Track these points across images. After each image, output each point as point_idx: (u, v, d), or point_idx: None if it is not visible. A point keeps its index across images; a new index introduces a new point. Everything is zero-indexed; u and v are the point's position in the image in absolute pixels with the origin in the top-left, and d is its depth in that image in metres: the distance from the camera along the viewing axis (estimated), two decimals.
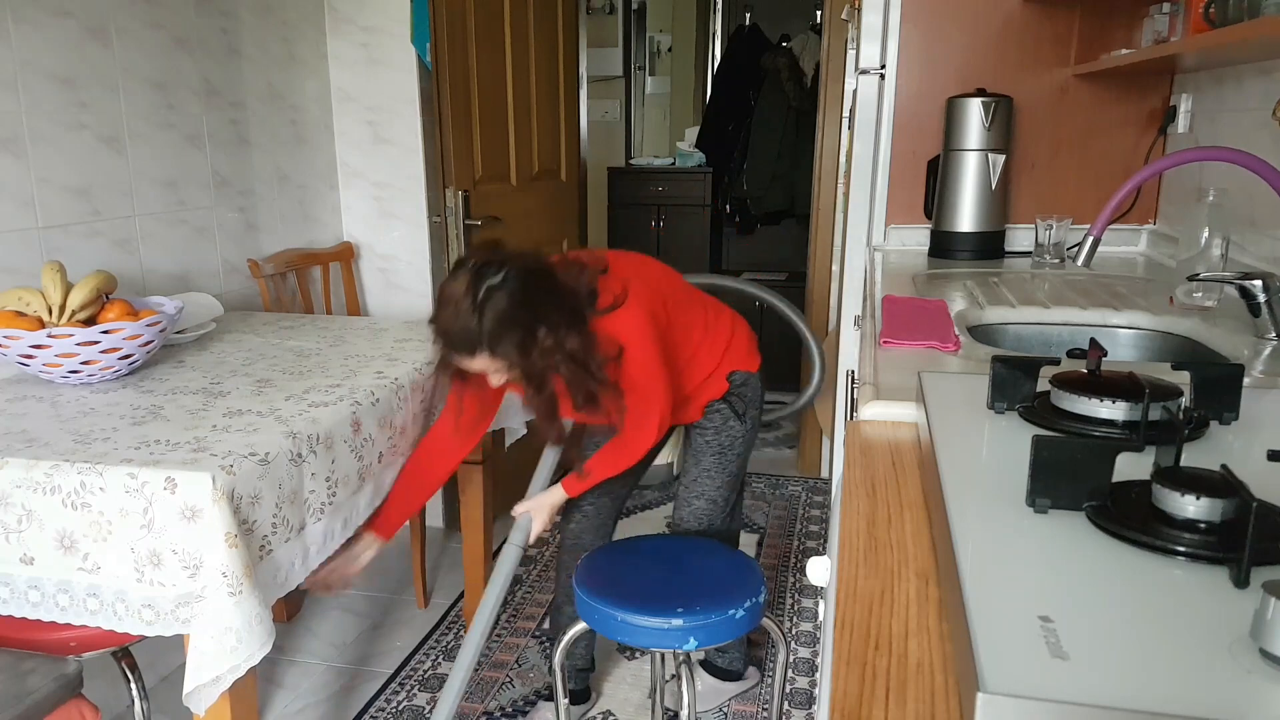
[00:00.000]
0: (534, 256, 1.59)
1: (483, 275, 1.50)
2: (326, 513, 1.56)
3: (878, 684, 0.62)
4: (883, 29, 2.41)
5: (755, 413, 1.98)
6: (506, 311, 1.49)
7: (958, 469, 0.84)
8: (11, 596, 1.39)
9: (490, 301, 1.49)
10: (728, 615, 1.59)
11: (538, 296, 1.53)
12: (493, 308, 1.49)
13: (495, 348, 1.52)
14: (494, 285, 1.49)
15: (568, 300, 1.58)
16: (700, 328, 1.86)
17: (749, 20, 4.93)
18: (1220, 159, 1.52)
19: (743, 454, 2.00)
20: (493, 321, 1.49)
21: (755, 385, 1.97)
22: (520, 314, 1.50)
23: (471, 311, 1.49)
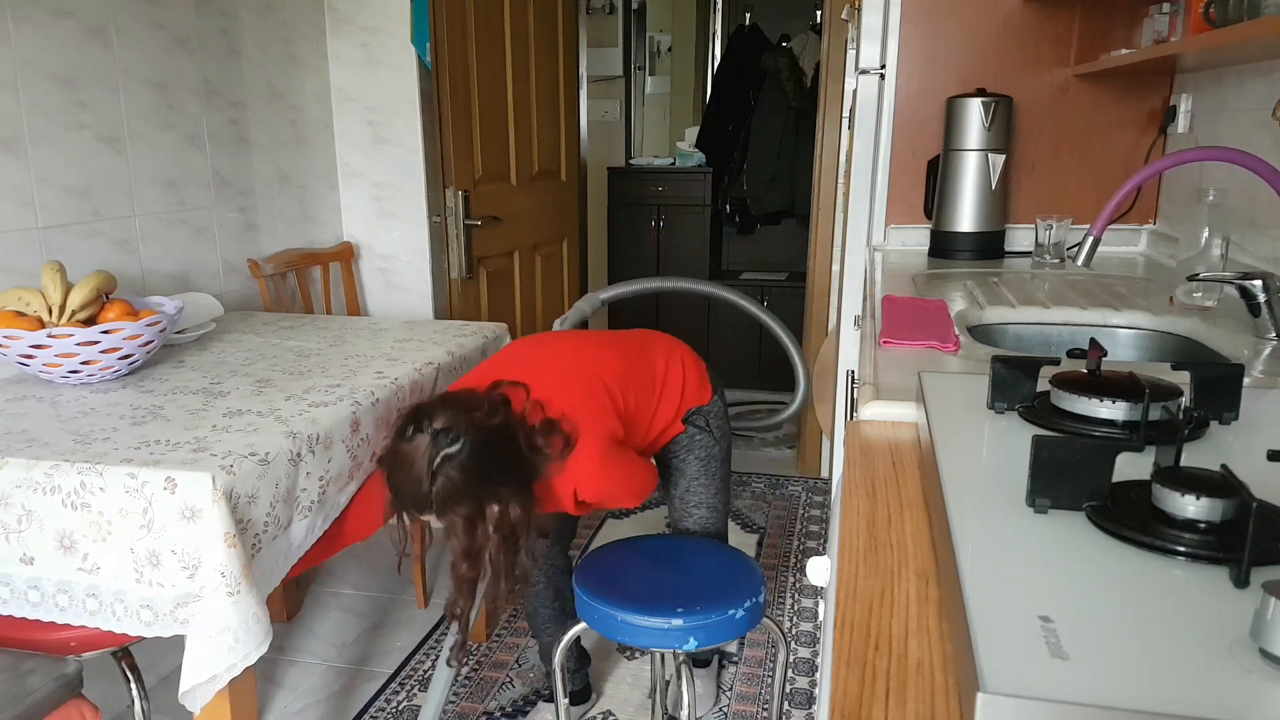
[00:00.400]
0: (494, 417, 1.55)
1: (439, 443, 1.48)
2: (312, 510, 1.56)
3: (878, 684, 0.62)
4: (883, 29, 2.41)
5: (721, 422, 1.99)
6: (459, 481, 1.49)
7: (958, 469, 0.83)
8: (11, 596, 1.39)
9: (443, 471, 1.48)
10: (728, 615, 1.59)
11: (491, 469, 1.52)
12: (445, 477, 1.48)
13: (443, 514, 1.52)
14: (449, 455, 1.48)
15: (520, 466, 1.57)
16: (655, 396, 1.84)
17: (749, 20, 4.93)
18: (1220, 159, 1.52)
19: (723, 459, 2.01)
20: (444, 490, 1.48)
21: (713, 407, 1.96)
22: (471, 490, 1.50)
23: (425, 477, 1.48)
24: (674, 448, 1.97)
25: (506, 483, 1.54)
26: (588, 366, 1.75)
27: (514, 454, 1.57)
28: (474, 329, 2.23)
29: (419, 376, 1.89)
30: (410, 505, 1.53)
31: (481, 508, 1.52)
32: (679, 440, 1.96)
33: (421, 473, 1.48)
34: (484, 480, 1.51)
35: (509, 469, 1.55)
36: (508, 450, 1.56)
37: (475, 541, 1.54)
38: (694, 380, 1.94)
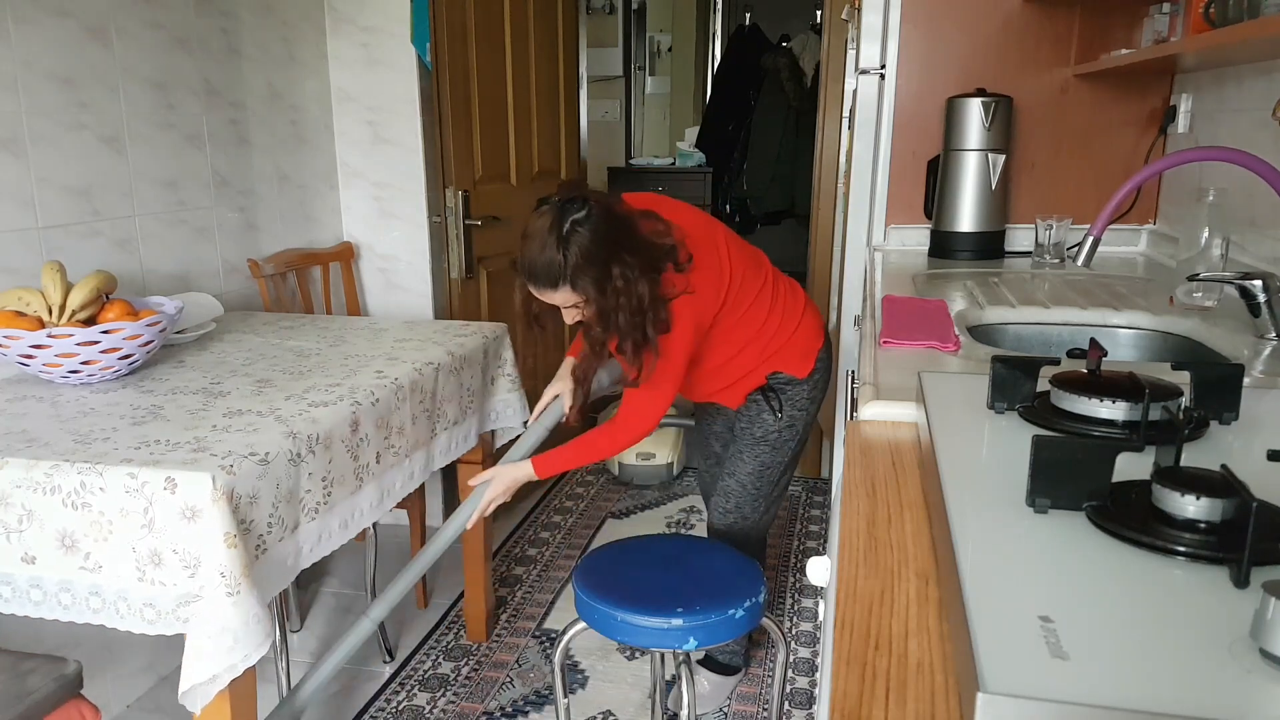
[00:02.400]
0: (616, 200, 1.68)
1: (567, 211, 1.57)
2: (321, 512, 1.56)
3: (878, 684, 0.62)
4: (883, 29, 2.41)
5: (796, 414, 1.96)
6: (589, 245, 1.57)
7: (958, 469, 0.84)
8: (14, 595, 1.39)
9: (574, 236, 1.56)
10: (727, 615, 1.59)
11: (618, 237, 1.60)
12: (577, 242, 1.56)
13: (576, 280, 1.59)
14: (578, 220, 1.57)
15: (644, 248, 1.65)
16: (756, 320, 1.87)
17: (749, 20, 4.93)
18: (1220, 159, 1.52)
19: (776, 447, 1.99)
20: (576, 255, 1.57)
21: (802, 389, 1.95)
22: (600, 251, 1.58)
23: (556, 245, 1.56)
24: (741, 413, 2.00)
25: (632, 253, 1.62)
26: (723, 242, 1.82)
27: (637, 235, 1.65)
28: (474, 329, 2.23)
29: (419, 376, 1.89)
30: (544, 279, 1.60)
31: (609, 270, 1.59)
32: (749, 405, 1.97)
33: (553, 239, 1.57)
34: (612, 246, 1.59)
35: (634, 245, 1.63)
36: (631, 228, 1.65)
37: (606, 301, 1.61)
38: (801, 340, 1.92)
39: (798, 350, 1.92)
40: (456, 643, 2.51)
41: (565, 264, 1.57)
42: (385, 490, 1.79)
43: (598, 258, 1.57)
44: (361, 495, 1.69)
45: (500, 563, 2.95)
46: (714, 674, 2.23)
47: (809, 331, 1.94)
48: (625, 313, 1.62)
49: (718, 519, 2.07)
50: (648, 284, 1.63)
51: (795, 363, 1.92)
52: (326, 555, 1.62)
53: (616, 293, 1.60)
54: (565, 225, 1.56)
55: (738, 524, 2.05)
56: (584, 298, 1.61)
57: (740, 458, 2.02)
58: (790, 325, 1.91)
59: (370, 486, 1.72)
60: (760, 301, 1.87)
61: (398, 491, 1.84)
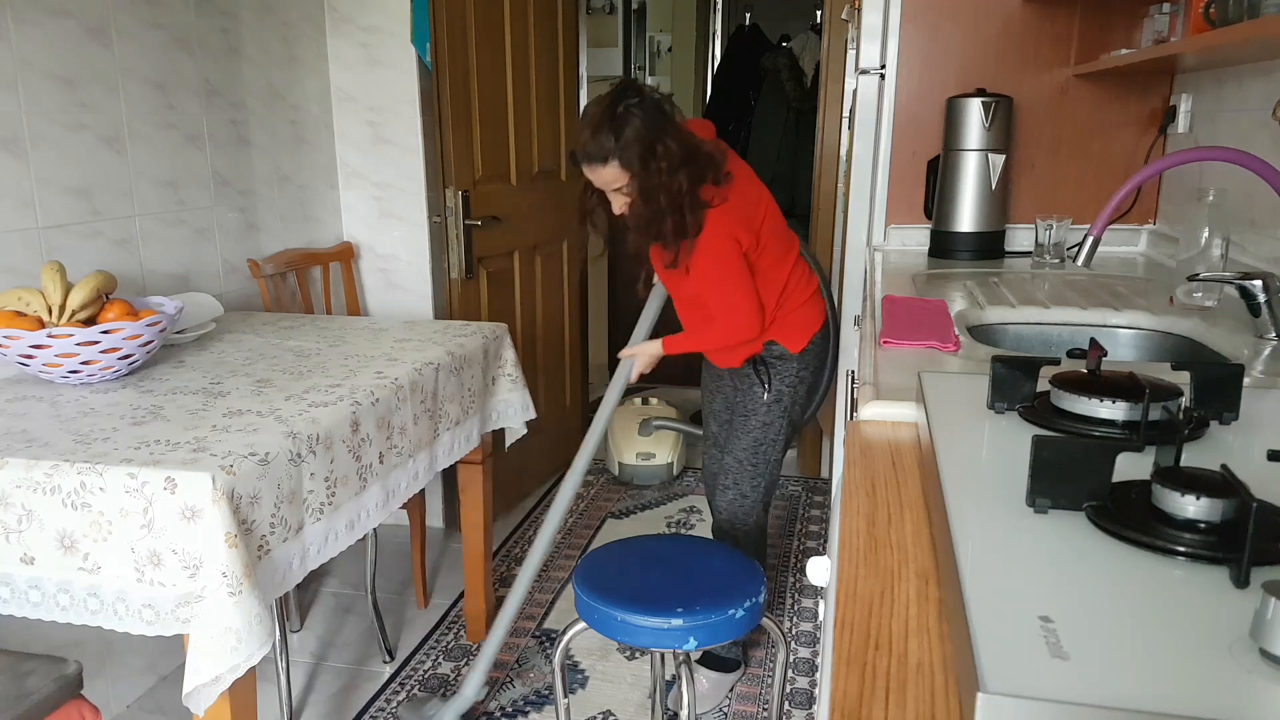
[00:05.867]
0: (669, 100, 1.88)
1: (623, 96, 1.79)
2: (326, 513, 1.56)
3: (878, 684, 0.62)
4: (883, 29, 2.41)
5: (784, 389, 2.07)
6: (640, 125, 1.78)
7: (958, 469, 0.84)
8: (12, 596, 1.39)
9: (627, 116, 1.78)
10: (727, 615, 1.59)
11: (664, 125, 1.81)
12: (629, 121, 1.78)
13: (624, 155, 1.79)
14: (632, 104, 1.79)
15: (687, 144, 1.84)
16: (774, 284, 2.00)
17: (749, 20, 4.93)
18: (1220, 159, 1.52)
19: (767, 424, 2.09)
20: (628, 132, 1.77)
21: (790, 364, 2.06)
22: (647, 132, 1.78)
23: (610, 123, 1.77)
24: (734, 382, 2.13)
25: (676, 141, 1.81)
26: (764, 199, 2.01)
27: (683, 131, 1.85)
28: (474, 329, 2.23)
29: (419, 376, 1.89)
30: (595, 154, 1.80)
31: (654, 149, 1.79)
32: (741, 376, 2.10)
33: (607, 117, 1.78)
34: (658, 130, 1.80)
35: (679, 137, 1.83)
36: (677, 124, 1.85)
37: (650, 178, 1.81)
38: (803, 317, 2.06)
39: (798, 324, 2.05)
40: (456, 643, 2.51)
41: (617, 139, 1.77)
42: (390, 491, 1.79)
43: (645, 138, 1.77)
44: (367, 496, 1.69)
45: (500, 563, 2.95)
46: (713, 671, 2.23)
47: (812, 312, 2.08)
48: (666, 194, 1.80)
49: (719, 496, 2.16)
50: (686, 176, 1.81)
51: (792, 335, 2.04)
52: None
53: (660, 171, 1.79)
54: (620, 105, 1.77)
55: (737, 501, 2.14)
56: (630, 174, 1.80)
57: (736, 435, 2.12)
58: (798, 299, 2.04)
59: (375, 487, 1.72)
60: (784, 262, 2.02)
61: (403, 492, 1.84)
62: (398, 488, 1.82)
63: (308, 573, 1.53)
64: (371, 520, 1.70)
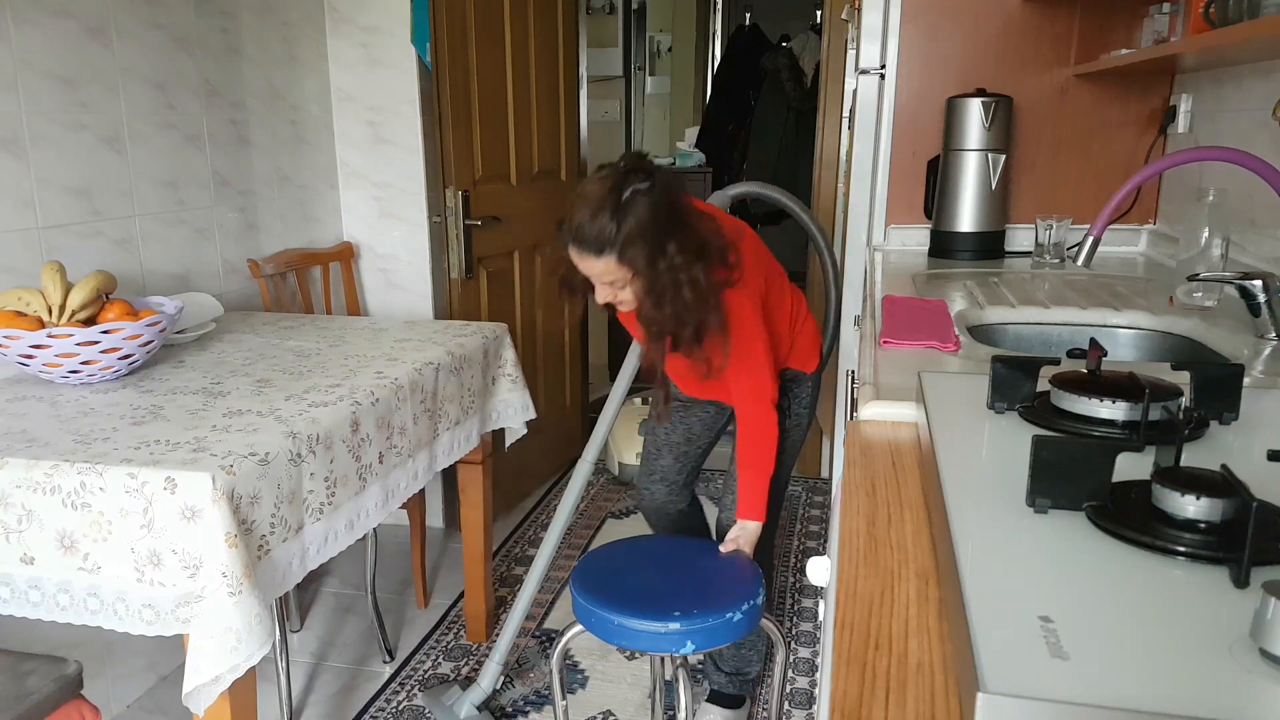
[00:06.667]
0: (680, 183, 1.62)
1: (630, 179, 1.51)
2: (325, 513, 1.56)
3: (878, 684, 0.62)
4: (883, 29, 2.41)
5: (803, 413, 1.97)
6: (646, 218, 1.50)
7: (958, 469, 0.84)
8: (12, 596, 1.39)
9: (633, 204, 1.50)
10: (725, 618, 1.58)
11: (677, 216, 1.55)
12: (634, 211, 1.50)
13: (625, 251, 1.51)
14: (640, 190, 1.51)
15: (699, 236, 1.59)
16: (784, 318, 1.88)
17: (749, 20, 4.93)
18: (1220, 159, 1.52)
19: (785, 450, 1.94)
20: (632, 224, 1.49)
21: (806, 385, 1.97)
22: (656, 225, 1.51)
23: (613, 210, 1.49)
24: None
25: (688, 237, 1.55)
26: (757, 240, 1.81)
27: (694, 221, 1.59)
28: (474, 329, 2.23)
29: (419, 376, 1.89)
30: (591, 245, 1.52)
31: (664, 246, 1.52)
32: None
33: (610, 205, 1.49)
34: (669, 224, 1.53)
35: (691, 230, 1.57)
36: (688, 214, 1.59)
37: (657, 278, 1.54)
38: (807, 338, 1.95)
39: (809, 344, 1.97)
40: (456, 643, 2.51)
41: (618, 232, 1.49)
42: (390, 491, 1.79)
43: (652, 232, 1.51)
44: (366, 496, 1.69)
45: (500, 563, 2.95)
46: (724, 709, 2.15)
47: (813, 329, 2.00)
48: (681, 295, 1.56)
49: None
50: (702, 270, 1.57)
51: (807, 357, 1.96)
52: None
53: (673, 270, 1.53)
54: (626, 191, 1.50)
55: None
56: (631, 272, 1.54)
57: None
58: (799, 321, 1.95)
59: (375, 487, 1.72)
60: (783, 285, 1.89)
61: (402, 492, 1.84)
62: (397, 487, 1.82)
63: (307, 572, 1.53)
64: (371, 520, 1.70)
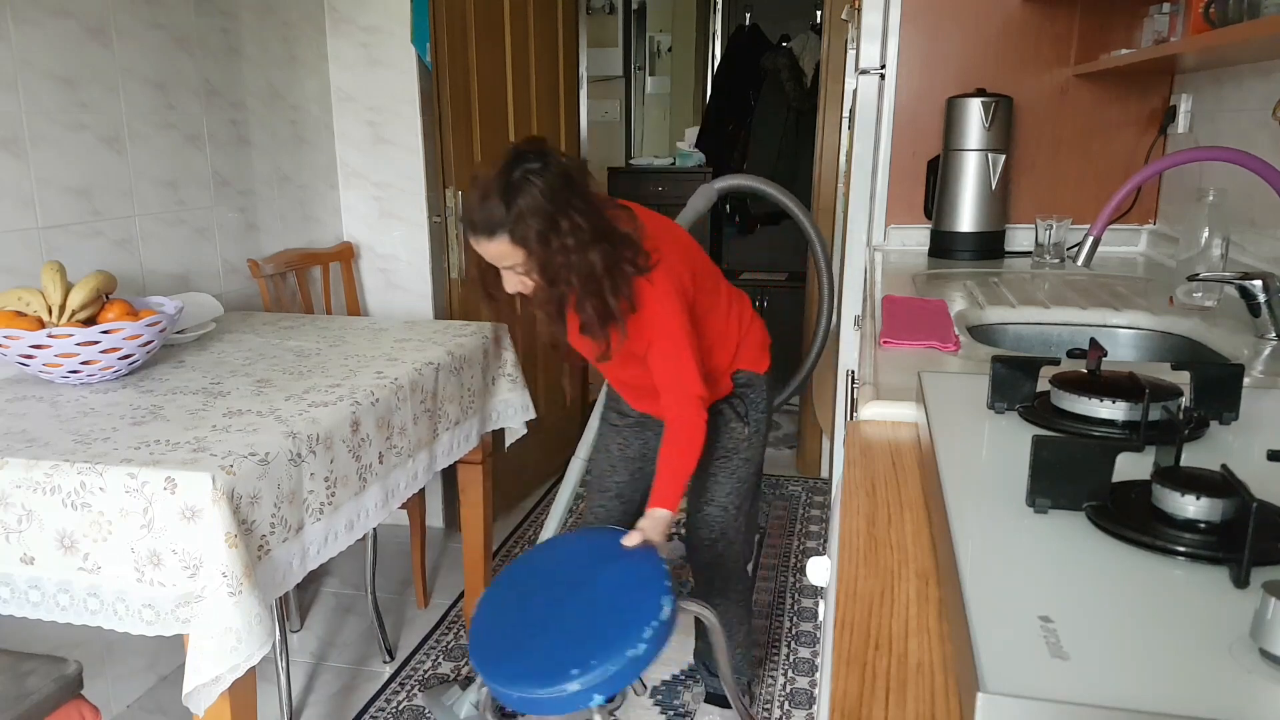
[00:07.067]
0: (580, 167, 1.58)
1: (521, 160, 1.50)
2: (326, 513, 1.56)
3: (878, 684, 0.62)
4: (883, 29, 2.41)
5: (760, 416, 1.92)
6: (537, 197, 1.48)
7: (958, 469, 0.84)
8: (12, 596, 1.39)
9: (524, 184, 1.48)
10: (626, 658, 1.44)
11: (571, 196, 1.52)
12: (525, 190, 1.48)
13: (516, 230, 1.49)
14: (531, 169, 1.49)
15: (600, 220, 1.56)
16: (720, 317, 1.85)
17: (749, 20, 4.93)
18: (1220, 159, 1.52)
19: (750, 458, 1.93)
20: (522, 203, 1.48)
21: (761, 387, 1.92)
22: (549, 203, 1.49)
23: (502, 191, 1.48)
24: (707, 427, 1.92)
25: (585, 216, 1.52)
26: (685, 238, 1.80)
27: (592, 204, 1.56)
28: (474, 329, 2.23)
29: (419, 376, 1.89)
30: (483, 227, 1.51)
31: (556, 223, 1.49)
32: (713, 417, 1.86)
33: (499, 186, 1.48)
34: (563, 202, 1.50)
35: (586, 211, 1.53)
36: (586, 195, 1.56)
37: (551, 256, 1.52)
38: (755, 338, 1.93)
39: (754, 345, 1.92)
40: (456, 643, 2.51)
41: (508, 212, 1.47)
42: (389, 491, 1.79)
43: (544, 210, 1.48)
44: (366, 496, 1.69)
45: (500, 563, 2.95)
46: (723, 708, 2.15)
47: (760, 331, 1.96)
48: (577, 274, 1.53)
49: (704, 552, 1.97)
50: (600, 254, 1.54)
51: (757, 357, 1.92)
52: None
53: (566, 250, 1.51)
54: (516, 172, 1.48)
55: (727, 550, 1.97)
56: (525, 252, 1.51)
57: (715, 480, 1.92)
58: (746, 321, 1.91)
59: (375, 487, 1.72)
60: (717, 298, 1.84)
61: (402, 492, 1.84)
62: (397, 487, 1.82)
63: (307, 572, 1.53)
64: (371, 520, 1.70)
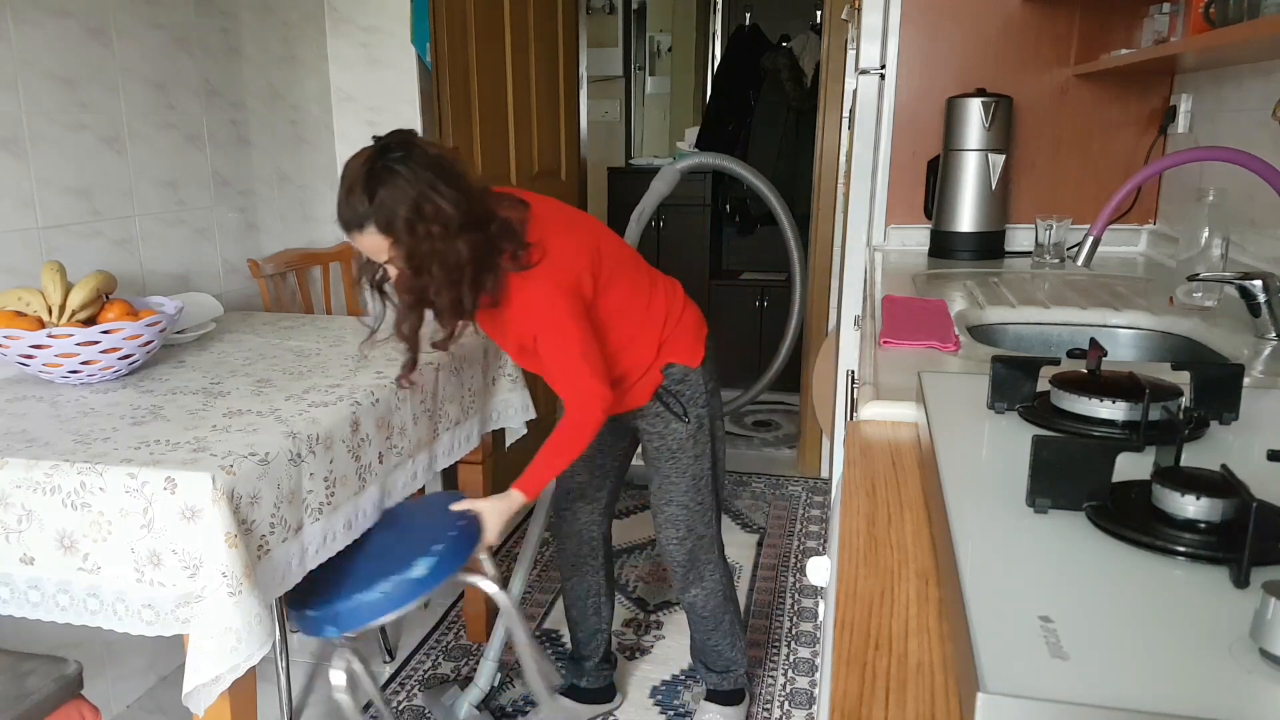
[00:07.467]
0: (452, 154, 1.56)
1: (384, 152, 1.48)
2: (325, 513, 1.56)
3: (878, 684, 0.62)
4: (883, 29, 2.41)
5: (700, 411, 1.88)
6: (401, 186, 1.46)
7: (958, 469, 0.84)
8: (12, 596, 1.39)
9: (387, 174, 1.47)
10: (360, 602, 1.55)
11: (437, 184, 1.49)
12: (388, 181, 1.47)
13: (380, 219, 1.48)
14: (394, 158, 1.47)
15: (474, 205, 1.53)
16: (640, 308, 1.79)
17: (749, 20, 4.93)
18: (1220, 159, 1.52)
19: (699, 454, 1.90)
20: (385, 193, 1.46)
21: (696, 382, 1.86)
22: (413, 192, 1.47)
23: (365, 182, 1.47)
24: (648, 429, 1.90)
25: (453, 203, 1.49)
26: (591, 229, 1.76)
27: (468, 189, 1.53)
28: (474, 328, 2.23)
29: (418, 376, 1.89)
30: (350, 220, 1.50)
31: (421, 209, 1.47)
32: (652, 419, 1.87)
33: (363, 177, 1.47)
34: (427, 187, 1.47)
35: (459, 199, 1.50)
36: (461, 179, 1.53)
37: (417, 244, 1.49)
38: (688, 329, 1.86)
39: (686, 337, 1.86)
40: (456, 643, 2.51)
41: (371, 202, 1.46)
42: (388, 491, 1.78)
43: (408, 196, 1.46)
44: (365, 496, 1.69)
45: (500, 562, 2.94)
46: (722, 705, 2.14)
47: (693, 321, 1.89)
48: (440, 263, 1.51)
49: (675, 550, 1.96)
50: (469, 243, 1.51)
51: (688, 349, 1.86)
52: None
53: (431, 237, 1.48)
54: (378, 162, 1.47)
55: (696, 546, 1.96)
56: (392, 240, 1.49)
57: (669, 481, 1.92)
58: (675, 313, 1.85)
59: (373, 487, 1.72)
60: (639, 288, 1.80)
61: (400, 492, 1.84)
62: (395, 488, 1.82)
63: (306, 572, 1.53)
64: (368, 520, 1.70)
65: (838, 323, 3.05)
